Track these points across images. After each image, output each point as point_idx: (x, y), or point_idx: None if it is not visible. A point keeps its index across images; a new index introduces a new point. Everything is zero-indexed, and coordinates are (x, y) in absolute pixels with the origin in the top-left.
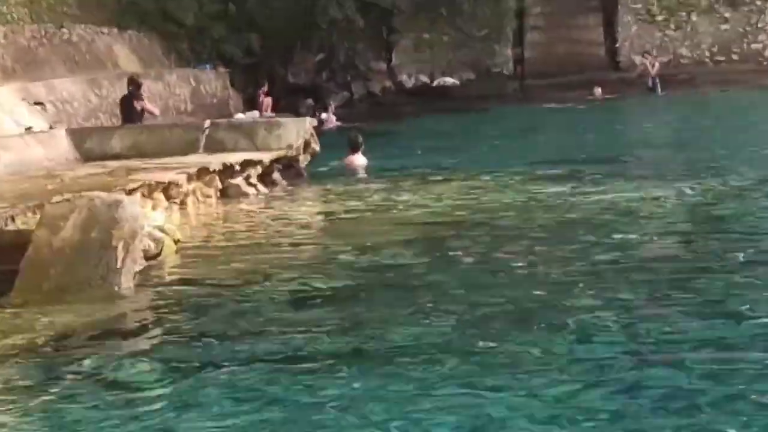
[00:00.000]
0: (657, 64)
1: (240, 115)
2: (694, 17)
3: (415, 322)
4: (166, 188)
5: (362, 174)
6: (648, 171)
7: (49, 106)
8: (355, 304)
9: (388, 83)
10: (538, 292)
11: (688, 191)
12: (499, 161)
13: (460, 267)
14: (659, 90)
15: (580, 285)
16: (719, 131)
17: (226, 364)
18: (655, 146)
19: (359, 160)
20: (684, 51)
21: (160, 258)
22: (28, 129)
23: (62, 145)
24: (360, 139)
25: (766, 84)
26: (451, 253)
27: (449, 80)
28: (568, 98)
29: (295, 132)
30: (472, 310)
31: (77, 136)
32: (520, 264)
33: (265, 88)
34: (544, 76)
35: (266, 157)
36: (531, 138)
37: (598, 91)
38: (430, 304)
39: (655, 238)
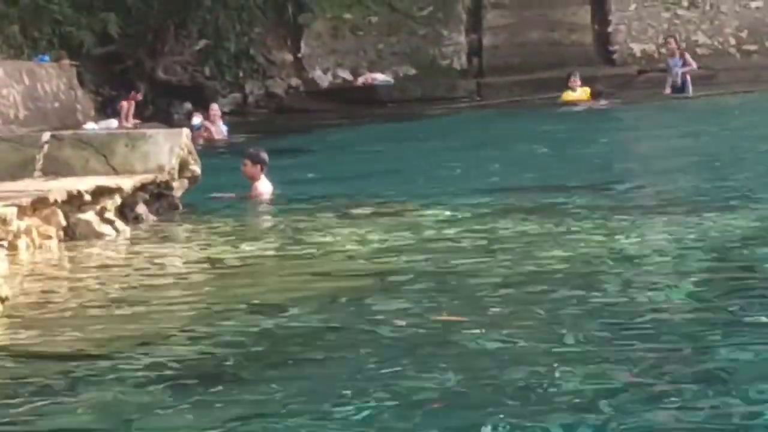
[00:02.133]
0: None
1: (91, 125)
2: None
3: (322, 417)
4: None
5: (263, 206)
6: (657, 202)
7: None
8: (243, 388)
9: (295, 81)
10: (500, 375)
11: (713, 231)
12: (449, 188)
13: (391, 335)
14: (690, 90)
15: (558, 364)
16: (758, 149)
17: None
18: (669, 168)
19: (265, 186)
20: (701, 38)
21: None
22: None
23: None
24: (264, 154)
25: None
26: (379, 317)
27: (380, 77)
28: (540, 102)
29: (168, 148)
30: (405, 399)
31: None
32: (475, 333)
33: (140, 95)
34: (510, 72)
35: (128, 183)
36: (493, 156)
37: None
38: (346, 390)
39: (663, 297)
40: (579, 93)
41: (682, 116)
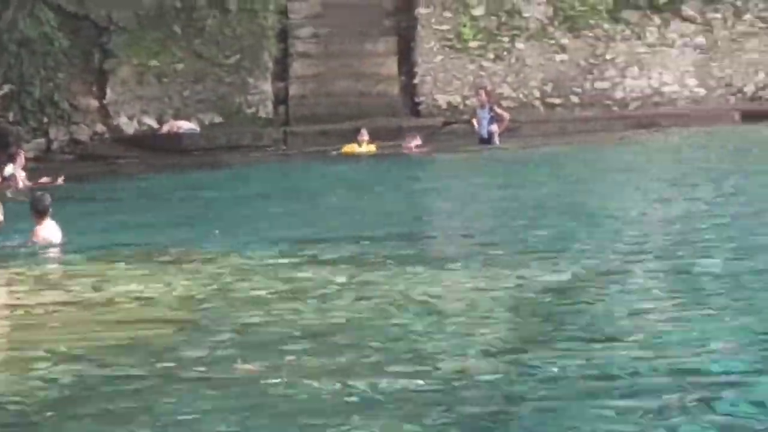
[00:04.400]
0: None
1: None
2: (520, 44)
3: None
4: None
5: (57, 252)
6: (460, 252)
7: None
8: None
9: (100, 128)
10: (301, 422)
11: (512, 281)
12: (254, 237)
13: (193, 383)
14: (497, 140)
15: (355, 413)
16: (568, 197)
17: None
18: (473, 218)
19: (49, 230)
20: (507, 90)
21: None
22: None
23: None
24: (47, 200)
25: (616, 136)
26: (182, 364)
27: (185, 125)
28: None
29: None
30: None
31: None
32: (276, 382)
33: None
34: (316, 121)
35: None
36: (299, 205)
37: (415, 141)
38: None
39: (462, 346)
40: (364, 148)
41: (487, 167)
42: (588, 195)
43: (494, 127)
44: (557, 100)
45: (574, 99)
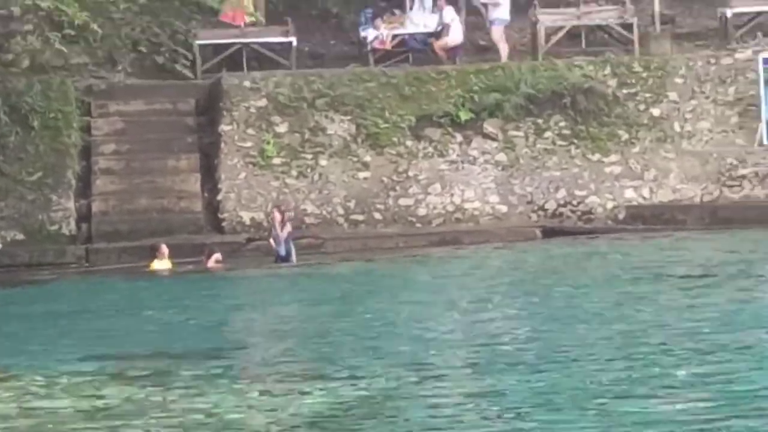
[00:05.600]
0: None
1: None
2: (323, 161)
3: None
4: None
5: None
6: (259, 370)
7: None
8: None
9: None
10: None
11: (312, 400)
12: (58, 355)
13: None
14: (294, 258)
15: None
16: (365, 314)
17: None
18: (273, 336)
19: None
20: (310, 207)
21: None
22: None
23: None
24: None
25: (418, 253)
26: None
27: None
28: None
29: None
30: None
31: None
32: None
33: None
34: (119, 238)
35: None
36: (101, 323)
37: (217, 257)
38: None
39: None
40: (165, 263)
41: (287, 285)
42: (386, 311)
43: (291, 245)
44: (360, 217)
45: (377, 216)
